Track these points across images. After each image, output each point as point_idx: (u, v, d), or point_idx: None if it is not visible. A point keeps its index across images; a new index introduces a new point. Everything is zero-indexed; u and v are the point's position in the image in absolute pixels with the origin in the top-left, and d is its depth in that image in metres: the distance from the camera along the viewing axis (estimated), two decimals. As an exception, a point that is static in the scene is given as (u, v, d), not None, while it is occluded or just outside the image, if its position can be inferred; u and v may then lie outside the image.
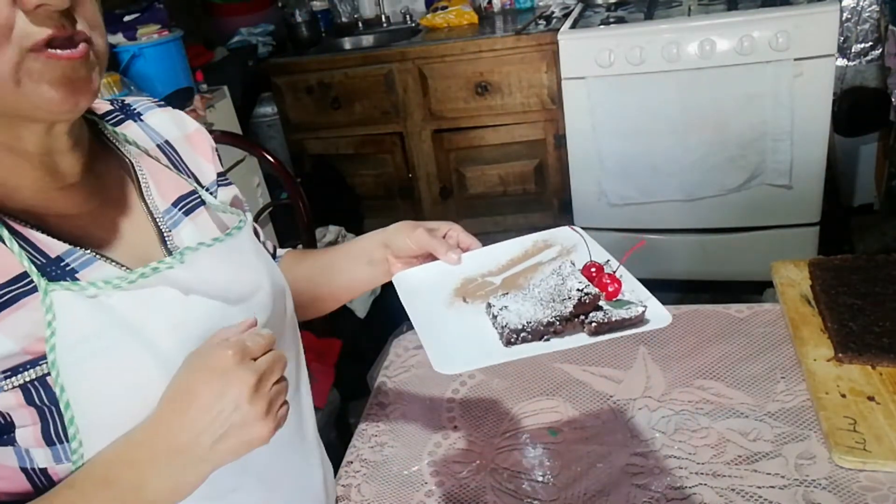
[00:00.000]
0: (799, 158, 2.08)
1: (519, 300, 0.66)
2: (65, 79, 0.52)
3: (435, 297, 0.71)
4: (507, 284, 0.73)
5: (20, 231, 0.55)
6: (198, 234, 0.69)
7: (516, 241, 0.78)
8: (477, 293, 0.72)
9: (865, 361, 0.87)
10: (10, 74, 0.49)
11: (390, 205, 2.73)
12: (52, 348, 0.52)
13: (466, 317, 0.68)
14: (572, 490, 0.81)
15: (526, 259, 0.76)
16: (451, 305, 0.70)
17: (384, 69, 2.48)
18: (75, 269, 0.57)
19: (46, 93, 0.51)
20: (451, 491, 0.84)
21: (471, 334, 0.66)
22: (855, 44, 2.42)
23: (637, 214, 2.30)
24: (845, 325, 0.91)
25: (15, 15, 0.49)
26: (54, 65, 0.51)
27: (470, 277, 0.73)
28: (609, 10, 2.48)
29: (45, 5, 0.49)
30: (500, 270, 0.75)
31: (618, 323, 0.64)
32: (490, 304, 0.67)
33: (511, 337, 0.63)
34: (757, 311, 1.05)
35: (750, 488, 0.76)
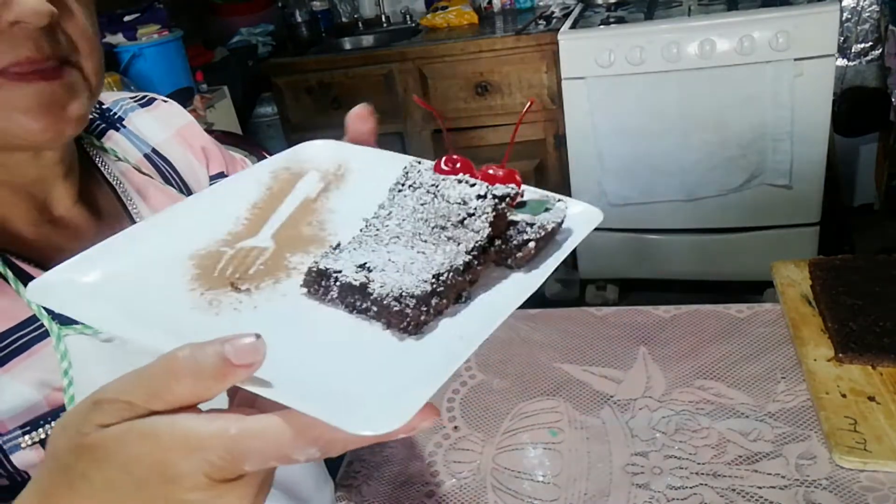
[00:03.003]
0: (799, 158, 2.08)
1: (377, 248, 0.39)
2: (41, 107, 0.45)
3: (161, 310, 0.38)
4: (288, 243, 0.44)
5: (25, 270, 0.50)
6: None
7: (242, 177, 0.50)
8: (249, 272, 0.41)
9: (866, 361, 0.87)
10: None
11: (390, 205, 2.73)
12: (72, 399, 0.48)
13: (271, 313, 0.38)
14: (573, 490, 0.81)
15: (280, 200, 0.48)
16: (214, 306, 0.38)
17: (384, 69, 2.48)
18: None
19: (23, 123, 0.45)
20: (451, 491, 0.84)
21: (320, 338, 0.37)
22: (855, 44, 2.42)
23: (637, 214, 2.30)
24: (846, 326, 0.91)
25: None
26: (24, 90, 0.45)
27: (207, 252, 0.42)
28: (609, 10, 2.48)
29: (22, 23, 0.43)
30: (252, 228, 0.45)
31: (549, 235, 0.41)
32: (325, 269, 0.38)
33: (420, 313, 0.35)
34: (757, 311, 1.05)
35: (750, 488, 0.76)
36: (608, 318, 1.09)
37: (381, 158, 0.51)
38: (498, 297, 0.39)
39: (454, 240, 0.39)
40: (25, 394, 0.48)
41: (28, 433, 0.48)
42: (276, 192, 0.48)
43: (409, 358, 0.34)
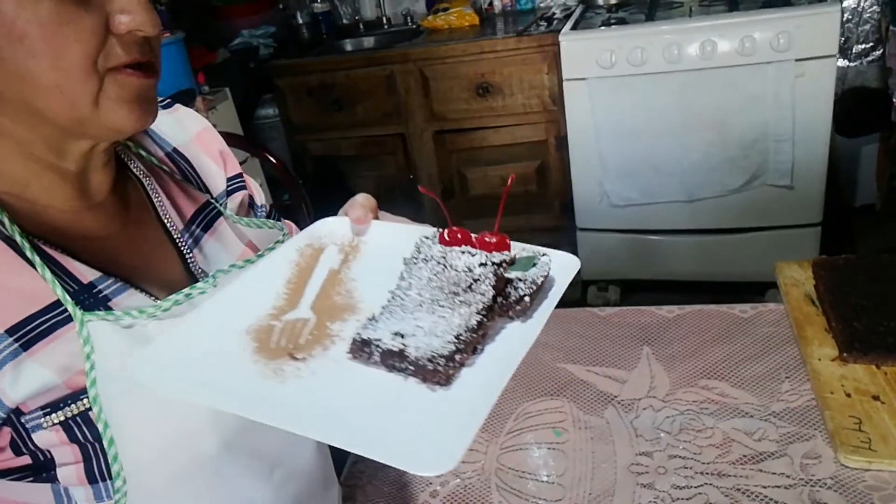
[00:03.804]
0: (800, 159, 2.08)
1: (405, 317, 0.47)
2: (140, 98, 0.52)
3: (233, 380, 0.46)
4: (326, 312, 0.53)
5: (51, 255, 0.53)
6: (221, 249, 0.67)
7: (273, 257, 0.59)
8: (300, 342, 0.50)
9: (870, 361, 0.87)
10: (92, 98, 0.50)
11: (391, 206, 2.70)
12: (93, 382, 0.50)
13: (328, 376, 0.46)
14: (577, 490, 0.80)
15: (309, 274, 0.57)
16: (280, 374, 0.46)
17: (386, 70, 2.48)
18: (108, 297, 0.54)
19: (123, 113, 0.51)
20: (455, 491, 0.84)
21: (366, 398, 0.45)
22: (856, 44, 2.42)
23: (638, 215, 2.30)
24: (850, 325, 0.91)
25: (106, 41, 0.49)
26: (130, 85, 0.51)
27: (259, 326, 0.51)
28: (610, 11, 2.48)
29: (136, 31, 0.50)
30: (291, 302, 0.54)
31: (541, 287, 0.49)
32: (368, 339, 0.46)
33: (449, 368, 0.44)
34: (761, 311, 1.05)
35: (755, 488, 0.76)
36: (611, 319, 1.09)
37: (387, 230, 0.62)
38: (505, 345, 0.47)
39: (466, 303, 0.47)
40: (47, 377, 0.50)
41: (48, 414, 0.50)
42: (303, 268, 0.58)
43: (445, 406, 0.43)
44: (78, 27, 0.47)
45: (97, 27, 0.48)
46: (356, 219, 0.62)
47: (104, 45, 0.49)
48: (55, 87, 0.48)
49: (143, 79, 0.52)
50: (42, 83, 0.48)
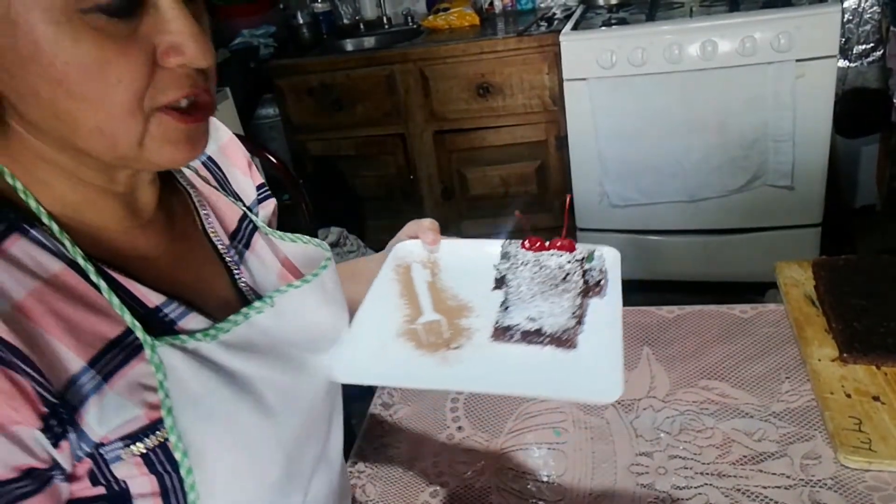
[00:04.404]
0: (801, 159, 2.08)
1: (527, 307, 0.61)
2: (188, 140, 0.49)
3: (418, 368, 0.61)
4: (450, 313, 0.67)
5: (115, 278, 0.51)
6: (261, 265, 0.65)
7: (381, 279, 0.71)
8: (444, 337, 0.64)
9: (870, 361, 0.87)
10: (137, 139, 0.47)
11: (392, 206, 2.73)
12: (169, 411, 0.48)
13: (492, 355, 0.61)
14: (577, 490, 0.80)
15: (411, 286, 0.70)
16: (446, 361, 0.61)
17: (386, 70, 2.48)
18: (174, 321, 0.52)
19: (169, 152, 0.49)
20: (455, 491, 0.83)
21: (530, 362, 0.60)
22: (856, 45, 2.42)
23: (639, 216, 2.30)
24: (850, 326, 0.91)
25: (154, 75, 0.46)
26: (179, 127, 0.48)
27: (407, 331, 0.65)
28: (610, 11, 2.48)
29: (186, 65, 0.46)
30: (415, 311, 0.67)
31: (605, 271, 0.66)
32: (509, 325, 0.61)
33: (577, 333, 0.61)
34: (761, 312, 1.05)
35: (755, 488, 0.76)
36: (612, 319, 1.09)
37: (453, 246, 0.76)
38: (596, 314, 0.64)
39: (566, 290, 0.63)
40: (128, 408, 0.48)
41: (128, 446, 0.48)
42: (405, 283, 0.71)
43: (584, 357, 0.59)
44: (121, 67, 0.44)
45: (143, 64, 0.45)
46: (431, 241, 0.74)
47: (151, 81, 0.45)
48: (96, 129, 0.46)
49: (193, 123, 0.49)
50: (82, 125, 0.45)
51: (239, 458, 0.52)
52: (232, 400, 0.52)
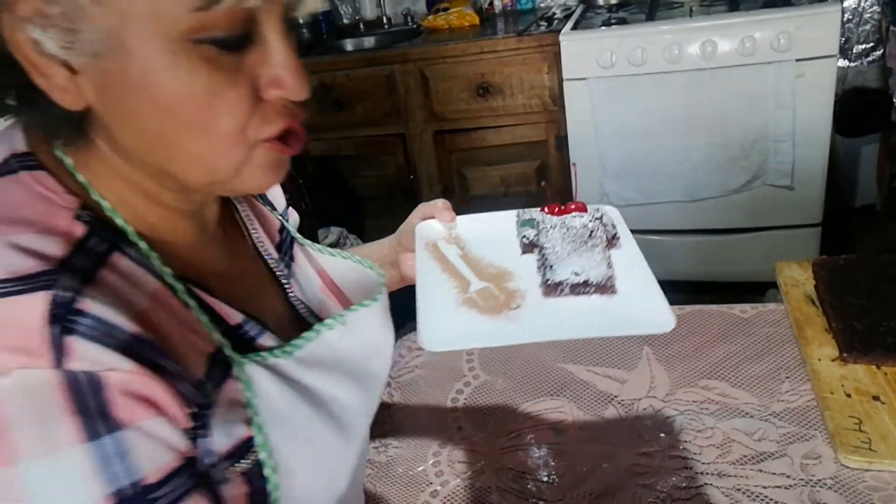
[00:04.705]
0: (801, 159, 2.08)
1: (567, 264, 0.67)
2: (277, 166, 0.50)
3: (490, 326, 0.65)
4: (492, 278, 0.71)
5: (201, 296, 0.51)
6: (305, 279, 0.65)
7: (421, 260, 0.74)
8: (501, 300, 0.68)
9: (870, 361, 0.87)
10: (235, 167, 0.47)
11: (392, 206, 2.73)
12: (260, 428, 0.49)
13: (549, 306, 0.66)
14: (577, 490, 0.80)
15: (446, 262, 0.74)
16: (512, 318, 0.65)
17: (386, 70, 2.48)
18: (254, 338, 0.53)
19: (260, 179, 0.50)
20: (455, 491, 0.83)
21: None
22: (856, 45, 2.42)
23: (639, 215, 2.30)
24: (850, 325, 0.91)
25: (256, 107, 0.46)
26: (274, 155, 0.49)
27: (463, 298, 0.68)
28: (610, 11, 2.48)
29: (286, 98, 0.47)
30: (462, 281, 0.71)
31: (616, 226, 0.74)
32: (559, 281, 0.66)
33: (612, 283, 0.66)
34: (761, 312, 1.05)
35: (755, 488, 0.76)
36: (612, 319, 1.09)
37: (471, 221, 0.81)
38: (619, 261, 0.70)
39: (594, 245, 0.69)
40: (231, 423, 0.48)
41: (234, 464, 0.48)
42: (440, 259, 0.74)
43: (629, 297, 0.65)
44: (229, 98, 0.44)
45: (248, 95, 0.45)
46: (449, 219, 0.78)
47: (254, 112, 0.46)
48: (198, 157, 0.46)
49: (293, 150, 0.50)
50: (183, 153, 0.46)
51: (319, 475, 0.53)
52: (311, 416, 0.53)
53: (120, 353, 0.41)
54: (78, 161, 0.48)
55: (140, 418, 0.41)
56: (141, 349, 0.42)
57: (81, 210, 0.46)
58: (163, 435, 0.43)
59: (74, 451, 0.39)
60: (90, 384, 0.40)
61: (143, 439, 0.41)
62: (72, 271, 0.42)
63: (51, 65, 0.43)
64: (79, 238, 0.45)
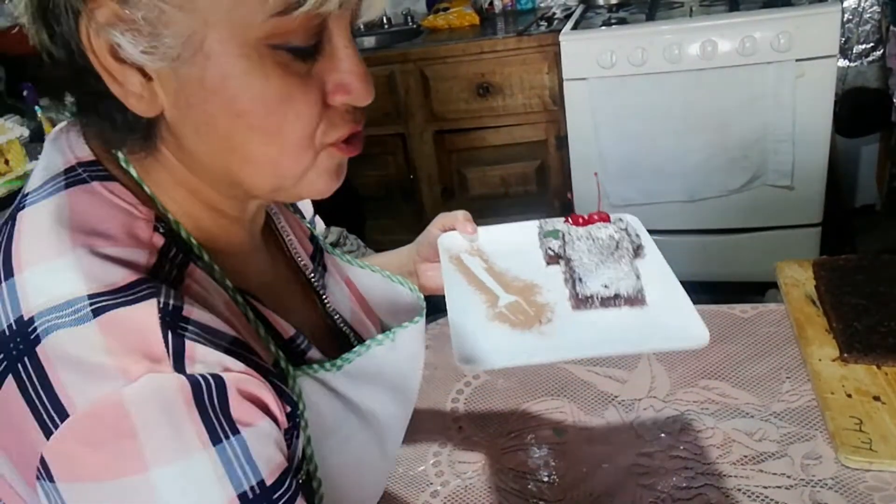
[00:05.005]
0: (801, 159, 2.08)
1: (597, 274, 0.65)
2: (339, 170, 0.51)
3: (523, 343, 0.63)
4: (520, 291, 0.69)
5: (258, 307, 0.51)
6: (337, 289, 0.65)
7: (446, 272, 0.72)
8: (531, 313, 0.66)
9: (871, 361, 0.87)
10: (303, 172, 0.48)
11: (392, 206, 2.73)
12: (309, 440, 0.49)
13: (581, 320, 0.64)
14: (578, 490, 0.80)
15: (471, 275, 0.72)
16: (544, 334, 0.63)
17: (386, 70, 2.48)
18: (304, 352, 0.52)
19: (323, 184, 0.50)
20: (456, 491, 0.83)
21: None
22: (856, 45, 2.42)
23: (639, 215, 2.26)
24: (850, 325, 0.91)
25: (324, 113, 0.47)
26: (337, 159, 0.50)
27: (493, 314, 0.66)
28: (610, 11, 2.48)
29: (353, 104, 0.48)
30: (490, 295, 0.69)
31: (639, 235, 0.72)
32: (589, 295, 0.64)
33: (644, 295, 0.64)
34: (762, 312, 1.05)
35: (756, 488, 0.76)
36: (612, 319, 1.09)
37: (492, 232, 0.78)
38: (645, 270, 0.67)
39: (621, 256, 0.67)
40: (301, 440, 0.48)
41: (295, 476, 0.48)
42: (465, 272, 0.72)
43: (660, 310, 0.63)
44: (301, 103, 0.45)
45: (317, 101, 0.46)
46: (471, 231, 0.76)
47: (322, 119, 0.47)
48: (268, 162, 0.46)
49: (356, 151, 0.50)
50: (254, 158, 0.46)
51: (362, 485, 0.53)
52: (356, 429, 0.53)
53: (228, 354, 0.41)
54: (140, 171, 0.48)
55: (256, 419, 0.42)
56: (242, 352, 0.43)
57: (157, 221, 0.47)
58: (274, 436, 0.43)
59: (202, 456, 0.39)
60: (212, 387, 0.40)
61: (259, 440, 0.41)
62: (163, 280, 0.42)
63: (127, 71, 0.42)
64: (160, 248, 0.45)
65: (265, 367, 0.44)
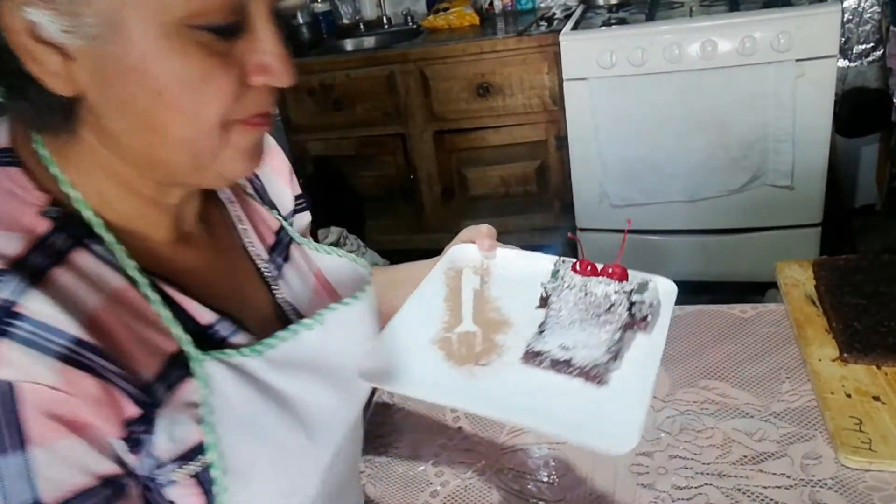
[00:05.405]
0: (801, 159, 2.08)
1: (564, 333, 0.58)
2: (255, 148, 0.51)
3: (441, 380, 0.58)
4: (488, 325, 0.63)
5: (168, 293, 0.50)
6: (299, 280, 0.65)
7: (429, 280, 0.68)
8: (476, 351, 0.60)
9: (870, 361, 0.87)
10: (217, 150, 0.48)
11: (392, 206, 2.73)
12: (212, 427, 0.48)
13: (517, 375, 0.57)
14: (577, 490, 0.80)
15: (458, 293, 0.67)
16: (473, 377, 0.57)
17: (386, 70, 2.48)
18: (224, 339, 0.52)
19: (238, 163, 0.50)
20: (456, 491, 0.83)
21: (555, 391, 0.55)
22: (856, 45, 2.42)
23: (639, 216, 2.30)
24: (850, 325, 0.91)
25: (242, 93, 0.47)
26: (249, 135, 0.50)
27: (441, 339, 0.62)
28: (610, 11, 2.48)
29: (272, 83, 0.48)
30: (456, 317, 0.64)
31: (656, 304, 0.60)
32: (539, 351, 0.57)
33: (606, 370, 0.55)
34: (761, 312, 1.05)
35: (756, 488, 0.76)
36: (612, 319, 1.09)
37: (509, 256, 0.72)
38: (637, 352, 0.58)
39: (608, 321, 0.58)
40: (184, 424, 0.47)
41: (182, 466, 0.47)
42: (453, 288, 0.68)
43: (610, 397, 0.54)
44: (220, 82, 0.45)
45: (236, 80, 0.46)
46: (487, 248, 0.70)
47: (238, 99, 0.47)
48: (185, 140, 0.47)
49: (264, 126, 0.50)
50: (172, 136, 0.46)
51: (280, 478, 0.52)
52: (276, 418, 0.52)
53: (55, 359, 0.41)
54: (58, 153, 0.49)
55: (54, 438, 0.41)
56: (80, 354, 0.42)
57: (51, 206, 0.46)
58: (75, 456, 0.42)
59: None
60: (6, 395, 0.39)
61: (51, 461, 0.41)
62: (24, 271, 0.42)
63: (45, 50, 0.43)
64: (40, 235, 0.45)
65: (115, 370, 0.44)
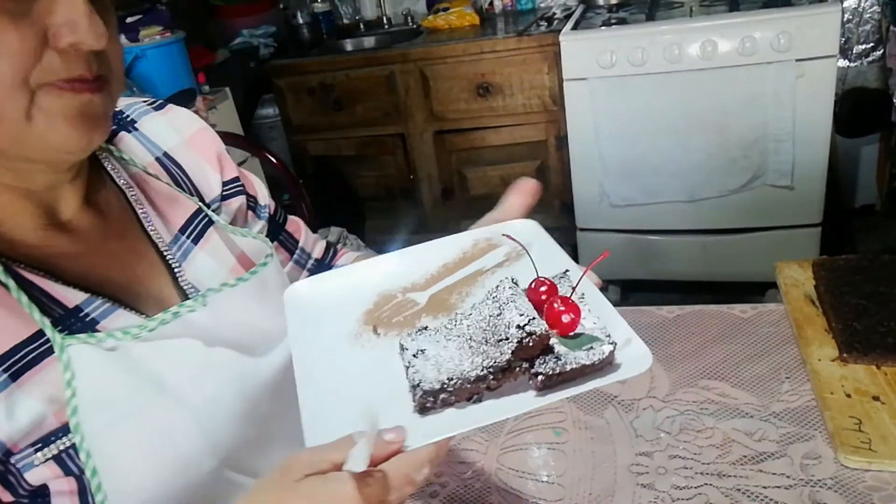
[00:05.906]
0: (800, 159, 2.08)
1: (441, 340, 0.49)
2: (81, 115, 0.49)
3: (337, 326, 0.53)
4: (434, 304, 0.55)
5: (32, 280, 0.50)
6: (212, 262, 0.64)
7: (453, 238, 0.60)
8: (392, 320, 0.54)
9: (870, 361, 0.87)
10: (23, 113, 0.46)
11: (392, 206, 2.73)
12: (74, 411, 0.48)
13: (374, 358, 0.51)
14: (577, 490, 0.80)
15: (463, 265, 0.58)
16: (357, 339, 0.52)
17: (386, 70, 2.48)
18: (96, 320, 0.52)
19: (62, 129, 0.48)
20: (455, 492, 0.83)
21: (376, 391, 0.48)
22: (856, 45, 2.42)
23: (639, 216, 2.30)
24: (850, 326, 0.91)
25: (42, 54, 0.46)
26: (69, 100, 0.48)
27: (388, 293, 0.56)
28: (610, 11, 2.48)
29: (78, 45, 0.46)
30: (427, 283, 0.57)
31: (575, 372, 0.45)
32: (402, 346, 0.50)
33: (426, 401, 0.46)
34: (761, 312, 1.05)
35: (755, 488, 0.76)
36: (612, 319, 1.09)
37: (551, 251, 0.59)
38: (498, 406, 0.46)
39: (485, 354, 0.46)
40: (37, 409, 0.47)
41: (40, 450, 0.47)
42: (466, 258, 0.59)
43: (412, 425, 0.45)
44: (9, 42, 0.44)
45: (32, 40, 0.45)
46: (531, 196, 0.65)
47: (40, 61, 0.45)
48: None
49: (84, 93, 0.48)
50: None
51: (162, 458, 0.51)
52: (152, 399, 0.51)
53: None
54: None
55: None
56: None
57: None
58: None
59: None
60: None
61: None
62: None
63: None
64: None
65: None
